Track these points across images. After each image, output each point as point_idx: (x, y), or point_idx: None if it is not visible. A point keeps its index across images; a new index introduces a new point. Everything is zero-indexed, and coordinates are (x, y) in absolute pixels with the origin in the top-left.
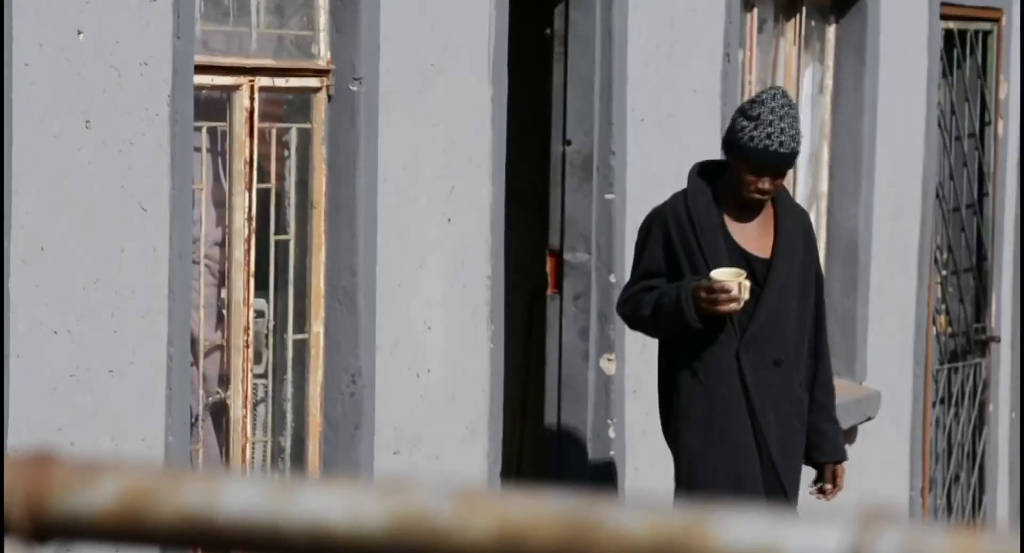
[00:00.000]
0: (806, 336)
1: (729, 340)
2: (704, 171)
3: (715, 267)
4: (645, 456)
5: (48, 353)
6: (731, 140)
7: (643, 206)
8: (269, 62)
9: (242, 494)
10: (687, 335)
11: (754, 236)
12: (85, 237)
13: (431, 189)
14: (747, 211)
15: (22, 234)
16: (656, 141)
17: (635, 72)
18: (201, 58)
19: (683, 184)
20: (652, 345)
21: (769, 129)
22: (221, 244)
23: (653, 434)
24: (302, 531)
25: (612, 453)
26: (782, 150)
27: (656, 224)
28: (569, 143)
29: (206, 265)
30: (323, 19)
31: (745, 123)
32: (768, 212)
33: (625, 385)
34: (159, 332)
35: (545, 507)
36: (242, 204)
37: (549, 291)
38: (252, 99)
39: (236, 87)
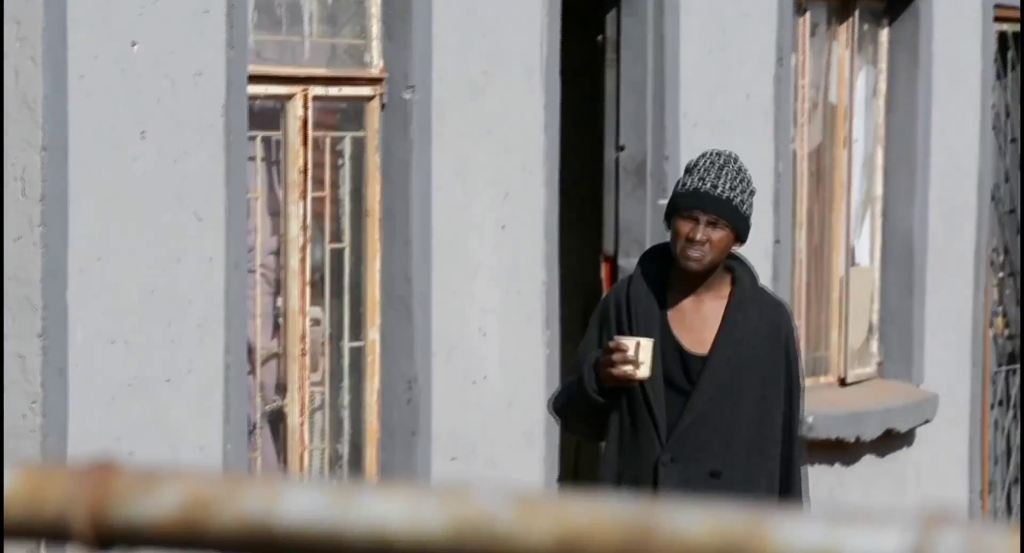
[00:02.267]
0: (772, 447)
1: (650, 445)
2: (658, 254)
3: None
4: None
5: (106, 363)
6: (669, 202)
7: None
8: (322, 71)
9: (302, 500)
10: (608, 434)
11: (696, 328)
12: (141, 247)
13: (484, 196)
14: (697, 301)
15: (79, 245)
16: (708, 145)
17: (687, 77)
18: (255, 68)
19: None
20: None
21: (702, 173)
22: (276, 253)
23: None
24: (362, 536)
25: None
26: (713, 192)
27: (600, 311)
28: (622, 148)
29: (262, 274)
30: (375, 28)
31: (683, 178)
32: (721, 302)
33: None
34: (216, 341)
35: (604, 511)
36: (297, 213)
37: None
38: (306, 108)
39: (290, 96)
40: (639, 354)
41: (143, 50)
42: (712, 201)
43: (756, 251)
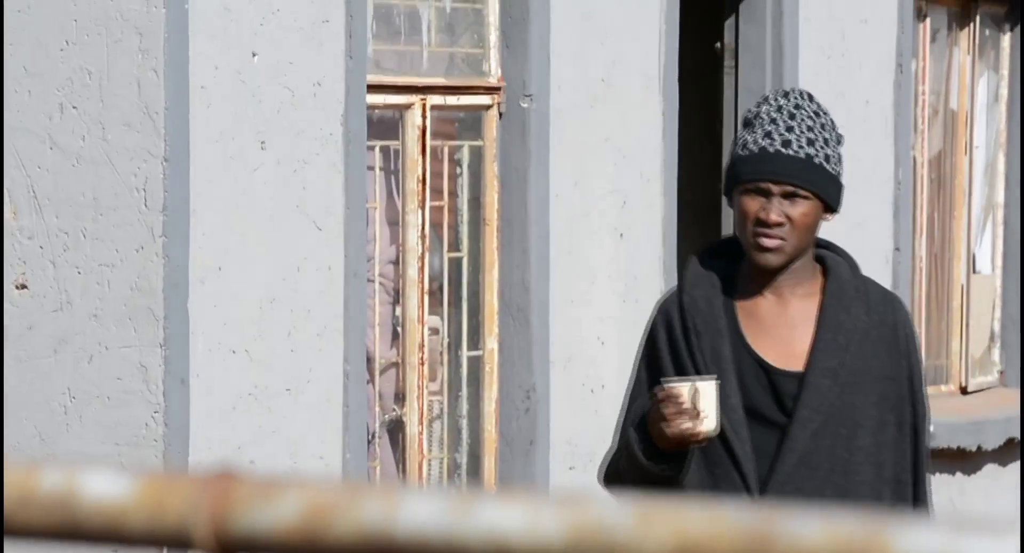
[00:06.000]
0: (889, 490)
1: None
2: (715, 252)
3: (721, 393)
4: None
5: (227, 372)
6: (727, 170)
7: None
8: (440, 80)
9: (421, 508)
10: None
11: (783, 338)
12: (261, 257)
13: (602, 204)
14: (780, 302)
15: (199, 255)
16: None
17: (806, 83)
18: (373, 78)
19: (852, 195)
20: None
21: (767, 125)
22: (395, 262)
23: None
24: (481, 545)
25: None
26: (787, 151)
27: (645, 340)
28: None
29: (380, 283)
30: (493, 37)
31: (741, 134)
32: (812, 301)
33: None
34: (335, 350)
35: (722, 519)
36: (415, 222)
37: None
38: (424, 117)
39: (408, 106)
40: (699, 401)
41: (263, 61)
42: (786, 163)
43: (876, 259)
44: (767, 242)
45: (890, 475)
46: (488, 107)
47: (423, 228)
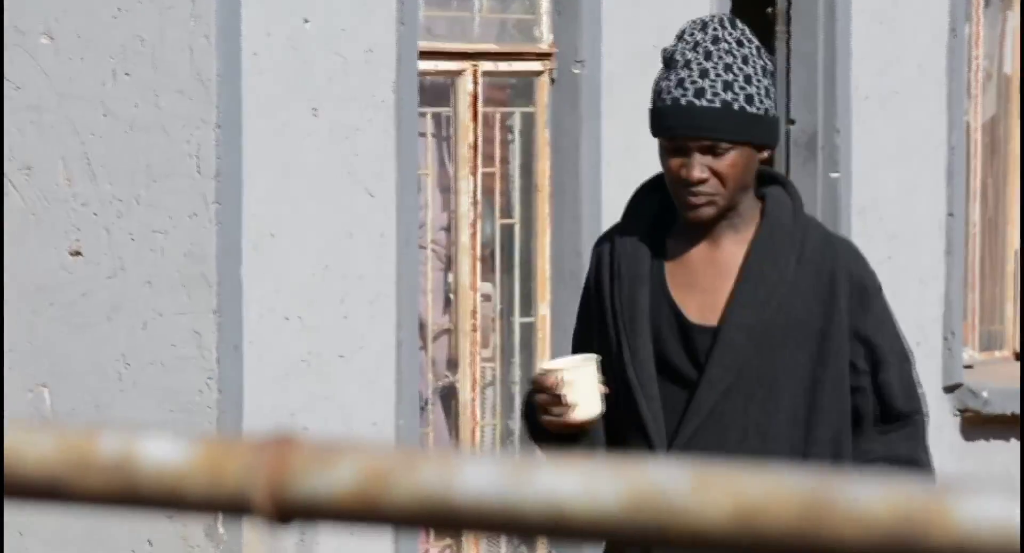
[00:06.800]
0: (829, 451)
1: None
2: (661, 184)
3: (632, 346)
4: None
5: (280, 339)
6: (649, 118)
7: (868, 185)
8: (492, 47)
9: (479, 474)
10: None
11: (707, 289)
12: (314, 224)
13: (654, 170)
14: (712, 248)
15: (252, 222)
16: (880, 118)
17: (858, 49)
18: (425, 44)
19: (905, 161)
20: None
21: (682, 73)
22: (447, 229)
23: None
24: (539, 510)
25: None
26: (700, 102)
27: (585, 279)
28: (793, 122)
29: (433, 250)
30: (544, 3)
31: (658, 77)
32: (743, 248)
33: None
34: (388, 317)
35: (781, 484)
36: (467, 188)
37: None
38: (476, 84)
39: (460, 72)
40: (567, 390)
41: (315, 27)
42: (700, 116)
43: (928, 224)
44: (694, 200)
45: (826, 436)
46: (539, 73)
47: (475, 194)
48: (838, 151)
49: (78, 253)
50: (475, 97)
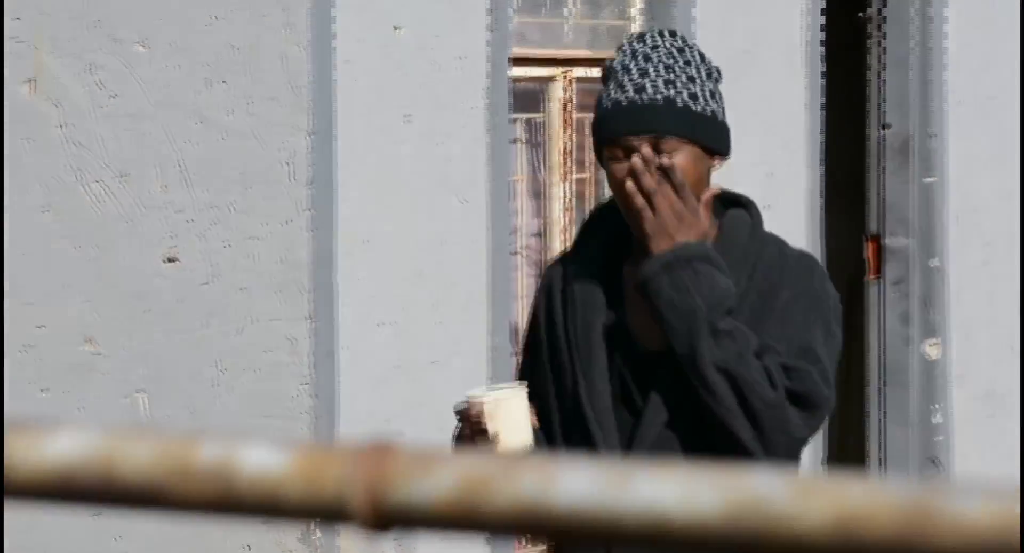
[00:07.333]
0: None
1: None
2: (615, 208)
3: (588, 377)
4: (973, 442)
5: (374, 345)
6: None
7: (963, 190)
8: (584, 53)
9: (578, 481)
10: None
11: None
12: (406, 230)
13: (748, 176)
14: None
15: (346, 228)
16: (976, 123)
17: (953, 53)
18: (517, 50)
19: (1001, 166)
20: (977, 330)
21: (621, 78)
22: (539, 234)
23: (980, 422)
24: (638, 517)
25: (939, 439)
26: (642, 99)
27: (532, 304)
28: (886, 127)
29: (525, 256)
30: (636, 9)
31: (598, 93)
32: None
33: (950, 370)
34: (481, 323)
35: (883, 494)
36: (559, 194)
37: (869, 276)
38: (568, 90)
39: (551, 78)
40: (487, 419)
41: (407, 34)
42: (641, 112)
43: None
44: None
45: (779, 459)
46: None
47: (567, 200)
48: (932, 155)
49: (173, 260)
50: (567, 103)
